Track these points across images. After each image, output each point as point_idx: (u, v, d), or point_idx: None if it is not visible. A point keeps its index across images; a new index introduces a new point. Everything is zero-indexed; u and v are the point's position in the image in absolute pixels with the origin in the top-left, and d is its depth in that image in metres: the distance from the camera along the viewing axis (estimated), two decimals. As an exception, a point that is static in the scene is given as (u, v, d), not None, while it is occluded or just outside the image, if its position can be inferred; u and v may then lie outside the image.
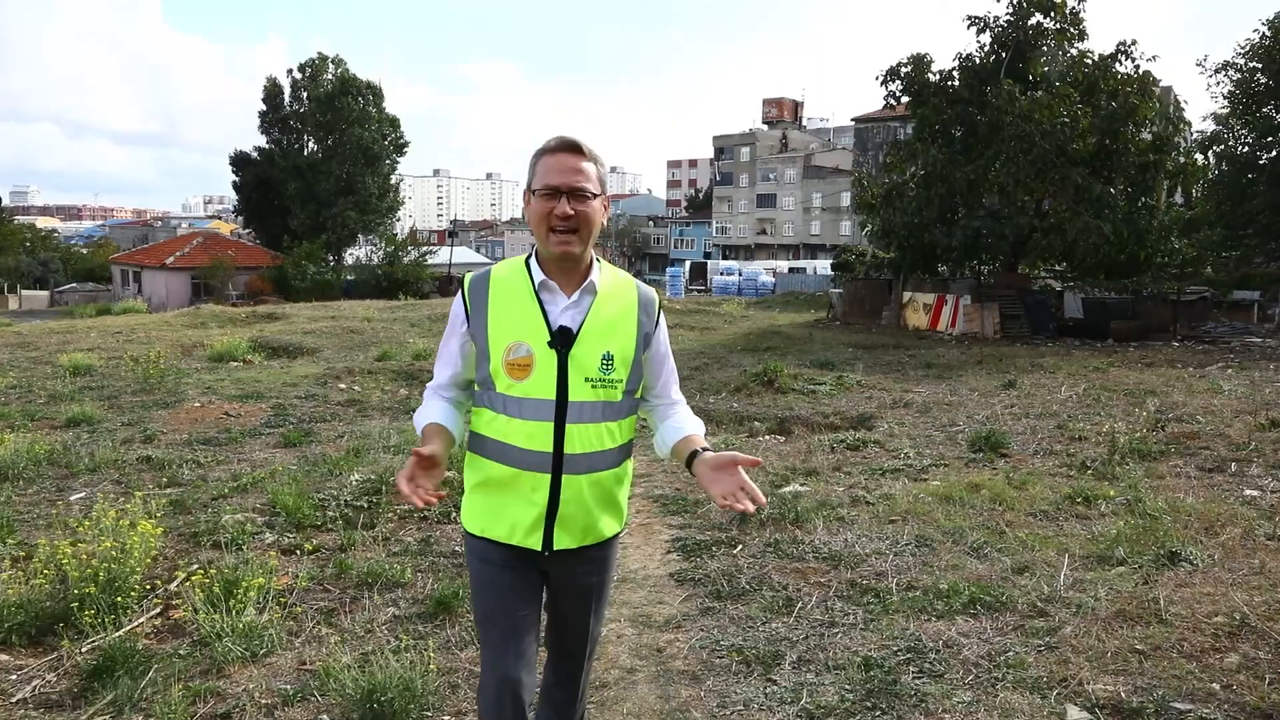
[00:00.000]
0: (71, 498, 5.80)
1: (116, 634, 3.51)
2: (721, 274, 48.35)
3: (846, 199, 61.06)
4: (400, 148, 51.27)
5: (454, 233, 69.06)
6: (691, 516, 5.52)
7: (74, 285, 53.94)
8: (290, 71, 49.24)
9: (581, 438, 2.08)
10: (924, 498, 5.81)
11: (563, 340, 2.07)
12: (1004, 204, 18.80)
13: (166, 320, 22.34)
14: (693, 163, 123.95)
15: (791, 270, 50.19)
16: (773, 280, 45.14)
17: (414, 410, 2.28)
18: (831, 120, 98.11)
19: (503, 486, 2.11)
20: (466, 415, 2.24)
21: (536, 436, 2.06)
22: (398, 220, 56.82)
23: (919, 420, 9.02)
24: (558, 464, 2.07)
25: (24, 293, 50.62)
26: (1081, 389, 10.94)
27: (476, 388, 2.19)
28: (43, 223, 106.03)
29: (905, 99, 20.33)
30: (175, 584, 4.12)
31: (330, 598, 4.15)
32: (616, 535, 2.25)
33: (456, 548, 4.78)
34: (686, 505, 5.74)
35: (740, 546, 4.89)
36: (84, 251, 70.44)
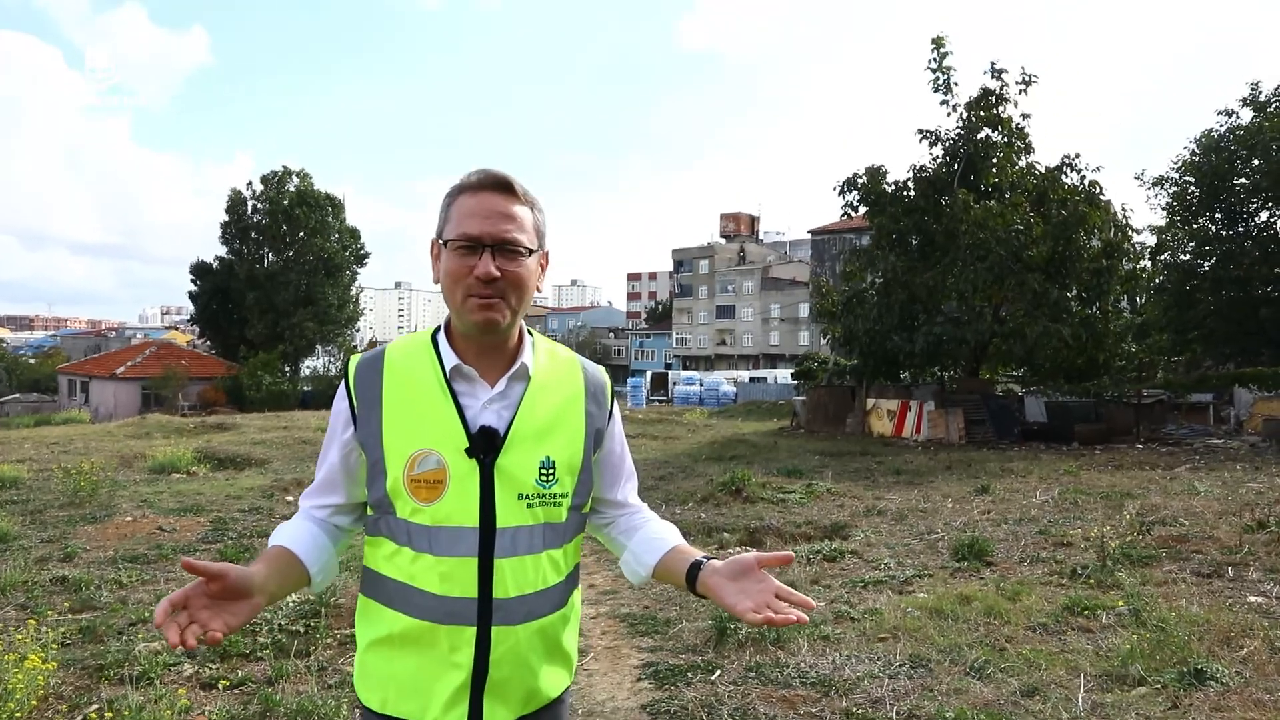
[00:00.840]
0: (-33, 625, 5.16)
1: (-15, 794, 2.94)
2: (683, 384, 48.41)
3: (804, 310, 62.17)
4: (360, 258, 51.48)
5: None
6: (663, 638, 5.04)
7: (17, 395, 52.28)
8: (251, 184, 49.63)
9: (516, 575, 1.53)
10: (913, 612, 5.39)
11: (486, 445, 1.53)
12: (963, 310, 19.00)
13: (109, 430, 21.47)
14: (652, 275, 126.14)
15: (752, 380, 50.38)
16: (734, 390, 45.22)
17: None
18: (788, 234, 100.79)
19: (411, 645, 1.52)
20: (340, 542, 1.68)
21: (454, 578, 1.50)
22: (357, 331, 56.60)
23: (895, 528, 8.65)
24: (485, 613, 1.51)
25: (-38, 404, 48.89)
26: (1056, 493, 10.69)
27: (370, 511, 1.61)
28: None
29: (862, 209, 20.74)
30: (68, 729, 3.54)
31: (250, 742, 3.58)
32: (566, 690, 1.69)
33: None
34: (657, 625, 5.27)
35: (719, 672, 4.41)
36: (31, 361, 68.76)
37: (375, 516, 1.59)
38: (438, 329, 1.65)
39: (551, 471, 1.58)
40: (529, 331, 1.67)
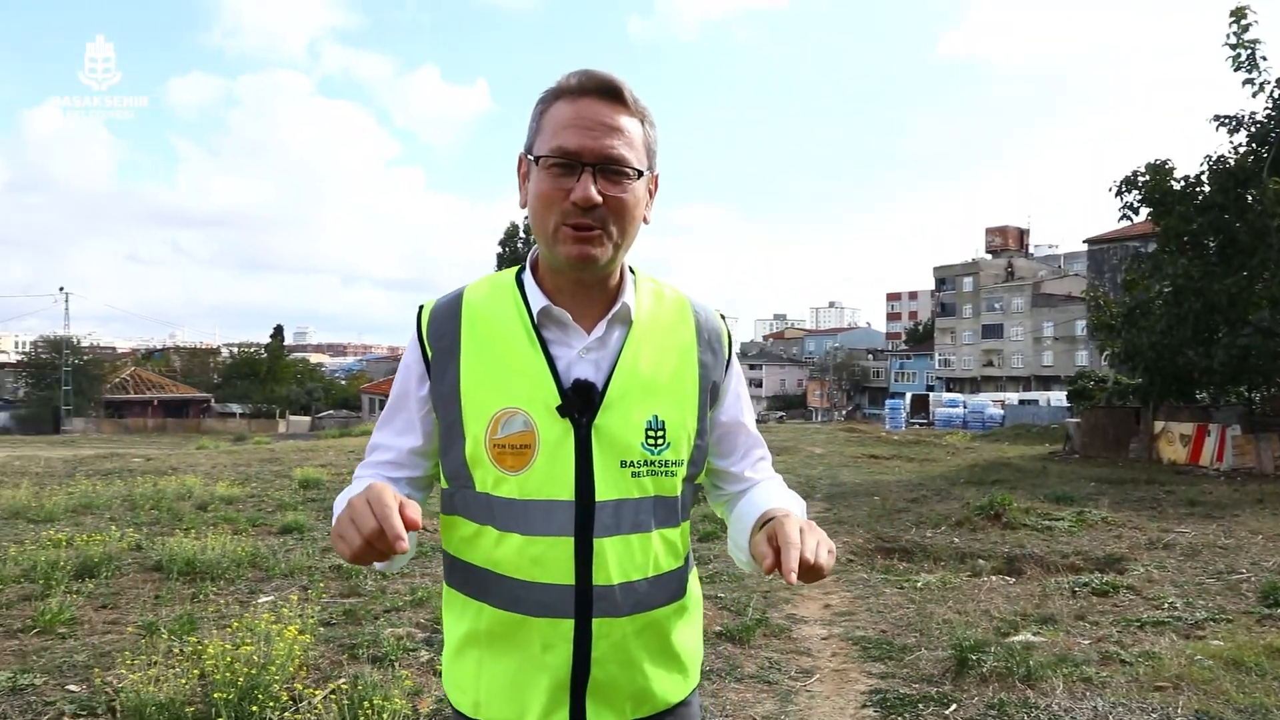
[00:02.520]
0: (259, 600, 5.84)
1: (244, 749, 3.25)
2: (945, 406, 45.95)
3: (1081, 327, 56.76)
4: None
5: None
6: (897, 664, 4.68)
7: (331, 411, 59.85)
8: (526, 215, 53.84)
9: (621, 558, 1.29)
10: (1202, 660, 4.62)
11: (582, 403, 1.28)
12: (1277, 319, 16.41)
13: (396, 442, 23.84)
14: (913, 295, 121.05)
15: (1022, 402, 46.77)
16: (1001, 412, 42.25)
17: None
18: (1061, 246, 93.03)
19: (500, 642, 1.31)
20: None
21: (547, 562, 1.27)
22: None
23: (1185, 565, 7.53)
24: (584, 603, 1.28)
25: (291, 418, 56.84)
26: (1405, 536, 8.85)
27: (444, 484, 1.38)
28: (314, 358, 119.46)
29: (1144, 211, 18.56)
30: (318, 699, 3.86)
31: (470, 728, 3.72)
32: (692, 696, 1.45)
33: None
34: (893, 650, 4.91)
35: (955, 706, 4.00)
36: (342, 382, 78.35)
37: (451, 491, 1.36)
38: (522, 268, 1.41)
39: (661, 433, 1.32)
40: (631, 269, 1.41)
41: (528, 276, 1.38)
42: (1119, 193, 18.61)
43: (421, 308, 1.41)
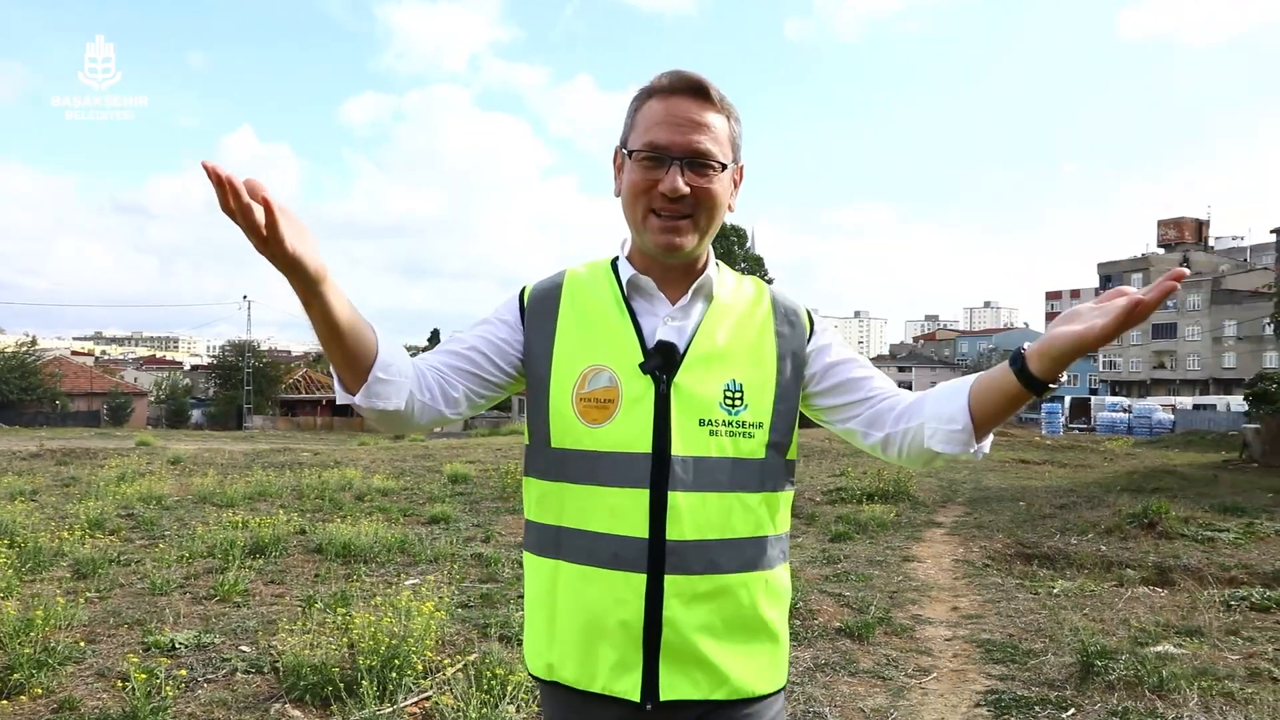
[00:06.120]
0: (406, 582, 6.31)
1: (386, 709, 3.59)
2: (1107, 410, 43.22)
3: (1268, 325, 51.92)
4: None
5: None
6: (1019, 668, 4.59)
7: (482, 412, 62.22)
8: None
9: (694, 514, 1.31)
10: (1361, 679, 4.30)
11: (664, 361, 1.35)
12: None
13: (541, 441, 24.69)
14: (1075, 293, 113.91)
15: (1196, 407, 43.39)
16: (1171, 417, 39.36)
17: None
18: (1247, 238, 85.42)
19: (573, 599, 1.34)
20: (424, 390, 1.36)
21: (622, 513, 1.31)
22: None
23: (1366, 583, 6.92)
24: (657, 557, 1.30)
25: (444, 418, 59.37)
26: None
27: (525, 439, 1.46)
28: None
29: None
30: (451, 671, 4.19)
31: (587, 703, 3.95)
32: (771, 698, 1.40)
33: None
34: (1016, 654, 4.81)
35: (1073, 710, 3.91)
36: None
37: (533, 447, 1.43)
38: (614, 258, 1.51)
39: (739, 395, 1.37)
40: (716, 262, 1.50)
41: (622, 261, 1.49)
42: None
43: (524, 286, 1.52)
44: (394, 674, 3.80)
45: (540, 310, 1.45)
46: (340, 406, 1.38)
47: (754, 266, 52.46)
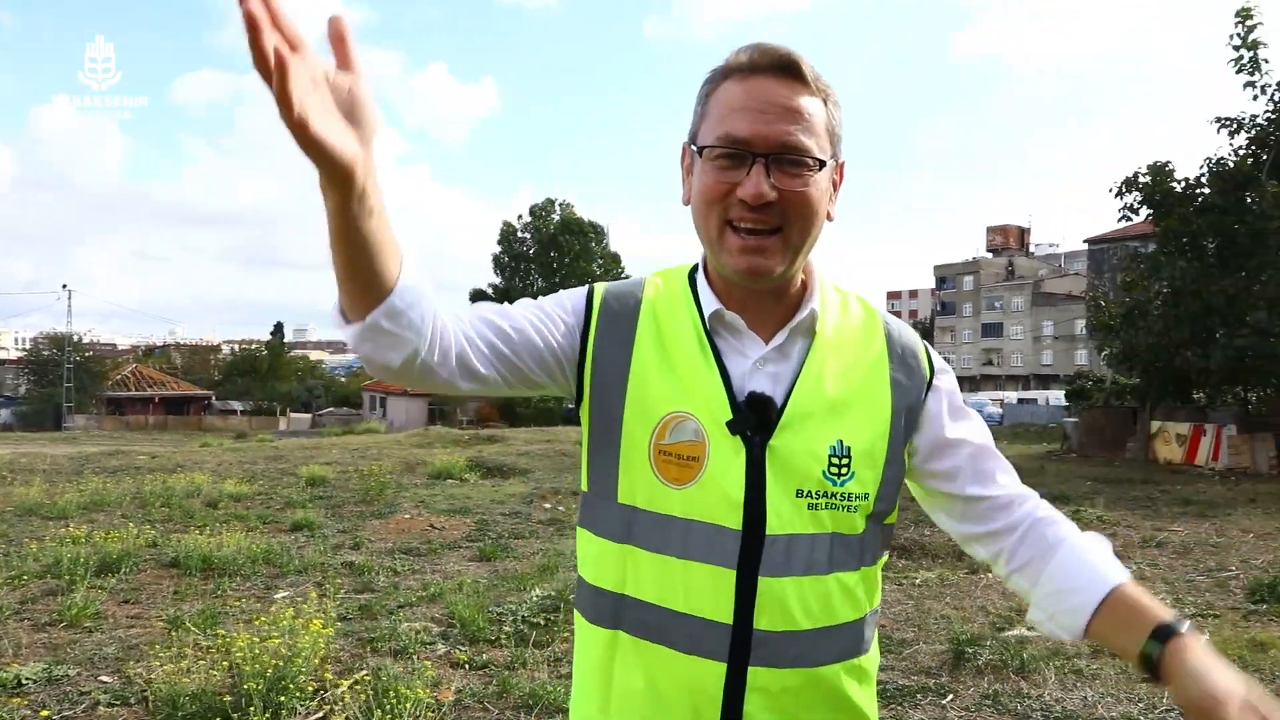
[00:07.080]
0: (276, 595, 6.01)
1: (274, 736, 3.42)
2: (943, 403, 46.09)
3: (1081, 326, 57.05)
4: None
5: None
6: (896, 658, 4.85)
7: (332, 409, 59.95)
8: (521, 215, 53.84)
9: (789, 602, 1.10)
10: (1188, 653, 4.79)
11: (758, 420, 1.10)
12: (1274, 320, 16.58)
13: (399, 440, 23.99)
14: (913, 293, 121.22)
15: (1021, 401, 46.96)
16: (1000, 411, 42.37)
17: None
18: (1062, 245, 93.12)
19: (637, 677, 1.14)
20: (442, 334, 1.06)
21: (704, 593, 1.10)
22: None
23: (1177, 563, 7.71)
24: (741, 645, 1.09)
25: (292, 415, 56.94)
26: (1395, 535, 9.02)
27: (583, 487, 1.22)
28: (315, 355, 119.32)
29: (1144, 211, 18.73)
30: (342, 689, 4.03)
31: (487, 717, 3.89)
32: None
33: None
34: (891, 645, 5.07)
35: (952, 696, 4.18)
36: (342, 380, 78.43)
37: (592, 497, 1.20)
38: (695, 266, 1.23)
39: (846, 462, 1.12)
40: (819, 277, 1.22)
41: (701, 279, 1.20)
42: (1119, 193, 18.78)
43: (594, 287, 1.24)
44: (283, 697, 3.62)
45: (614, 329, 1.17)
46: (175, 404, 1.17)
47: (611, 264, 52.89)
